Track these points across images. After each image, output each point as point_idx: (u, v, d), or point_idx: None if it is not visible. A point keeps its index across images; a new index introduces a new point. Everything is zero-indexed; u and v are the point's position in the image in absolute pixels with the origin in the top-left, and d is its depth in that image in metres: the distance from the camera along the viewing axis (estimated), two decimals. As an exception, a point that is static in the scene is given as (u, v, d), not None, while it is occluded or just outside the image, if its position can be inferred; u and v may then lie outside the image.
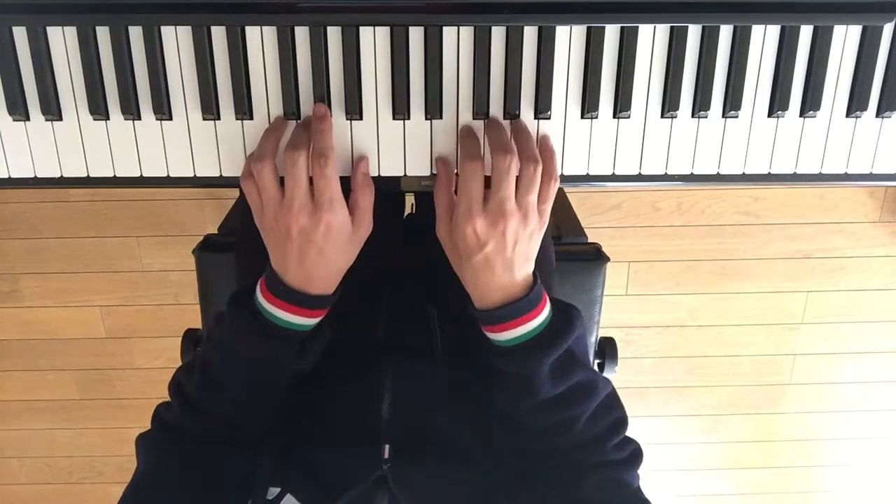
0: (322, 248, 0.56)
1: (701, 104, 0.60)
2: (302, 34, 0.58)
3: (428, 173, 0.62)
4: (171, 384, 0.64)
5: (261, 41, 0.58)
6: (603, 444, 0.60)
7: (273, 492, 0.56)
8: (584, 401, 0.59)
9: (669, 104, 0.60)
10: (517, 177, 0.55)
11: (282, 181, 0.55)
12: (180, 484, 0.58)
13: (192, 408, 0.61)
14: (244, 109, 0.59)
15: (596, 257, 0.94)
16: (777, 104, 0.60)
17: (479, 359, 0.74)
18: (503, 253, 0.55)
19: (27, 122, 0.60)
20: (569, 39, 0.58)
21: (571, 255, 0.94)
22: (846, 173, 0.63)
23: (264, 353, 0.59)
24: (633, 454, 0.61)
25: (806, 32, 0.59)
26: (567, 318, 0.59)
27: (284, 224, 0.55)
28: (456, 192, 0.58)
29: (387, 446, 0.59)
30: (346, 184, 0.58)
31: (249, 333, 0.58)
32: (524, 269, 0.58)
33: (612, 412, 0.61)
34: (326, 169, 0.54)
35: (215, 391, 0.61)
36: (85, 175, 0.62)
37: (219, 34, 0.58)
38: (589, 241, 0.98)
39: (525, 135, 0.58)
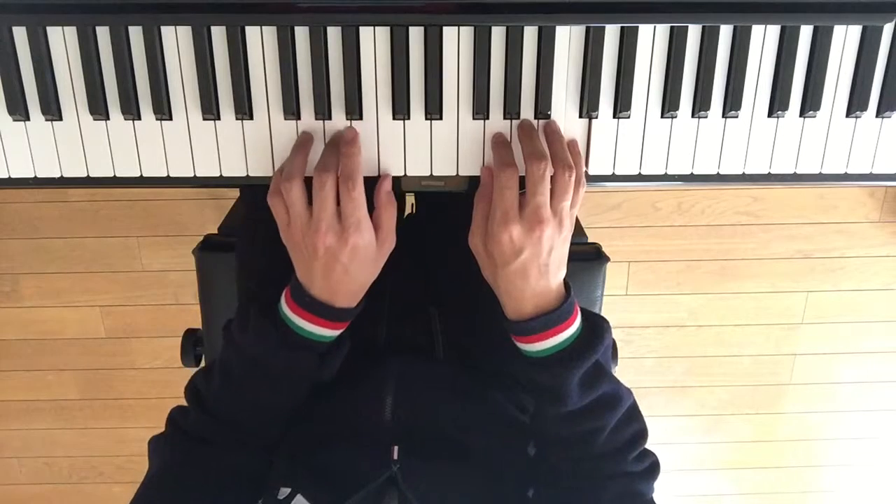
0: (348, 266, 0.57)
1: (701, 104, 0.60)
2: (302, 34, 0.58)
3: (428, 173, 0.62)
4: (187, 389, 0.64)
5: (261, 41, 0.58)
6: (624, 456, 0.60)
7: (284, 492, 0.56)
8: (609, 413, 0.59)
9: (669, 104, 0.60)
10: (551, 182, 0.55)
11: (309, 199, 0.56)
12: (192, 486, 0.58)
13: (208, 413, 0.62)
14: (244, 109, 0.59)
15: (596, 257, 0.94)
16: (777, 104, 0.60)
17: (479, 359, 0.74)
18: (538, 259, 0.55)
19: (27, 122, 0.60)
20: (569, 39, 0.58)
21: (571, 255, 0.92)
22: (846, 173, 0.63)
23: (287, 362, 0.59)
24: (652, 466, 0.62)
25: (806, 32, 0.59)
26: (597, 330, 0.59)
27: (311, 243, 0.55)
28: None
29: (396, 447, 0.59)
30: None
31: (273, 343, 0.58)
32: (558, 275, 0.58)
33: (634, 424, 0.61)
34: (354, 192, 0.55)
35: (234, 397, 0.61)
36: (85, 175, 0.62)
37: (219, 34, 0.58)
38: (589, 241, 0.98)
39: (558, 138, 0.58)
